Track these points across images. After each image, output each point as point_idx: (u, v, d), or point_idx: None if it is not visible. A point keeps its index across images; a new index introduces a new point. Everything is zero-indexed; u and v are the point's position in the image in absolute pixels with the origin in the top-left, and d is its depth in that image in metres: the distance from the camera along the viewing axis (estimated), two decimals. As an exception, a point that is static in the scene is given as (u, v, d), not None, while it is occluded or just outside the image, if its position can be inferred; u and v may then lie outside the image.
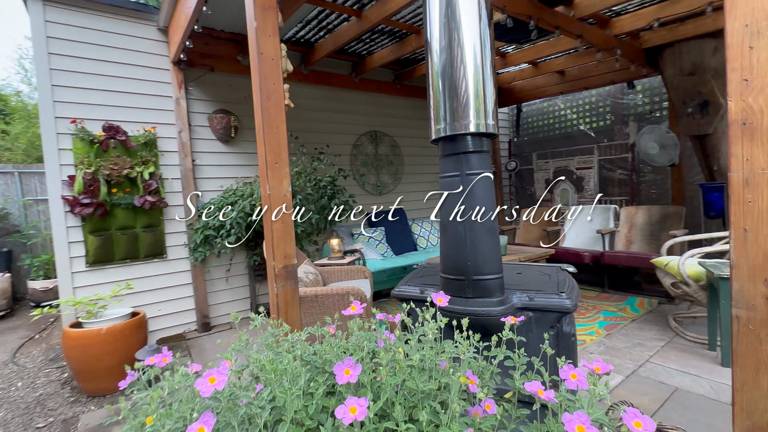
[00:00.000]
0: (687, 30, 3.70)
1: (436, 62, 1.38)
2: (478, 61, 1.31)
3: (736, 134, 0.97)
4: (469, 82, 1.30)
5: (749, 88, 0.94)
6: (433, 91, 1.40)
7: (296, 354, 0.94)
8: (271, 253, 1.66)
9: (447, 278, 1.42)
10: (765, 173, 0.93)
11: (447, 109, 1.35)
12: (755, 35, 0.92)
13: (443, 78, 1.35)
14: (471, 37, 1.31)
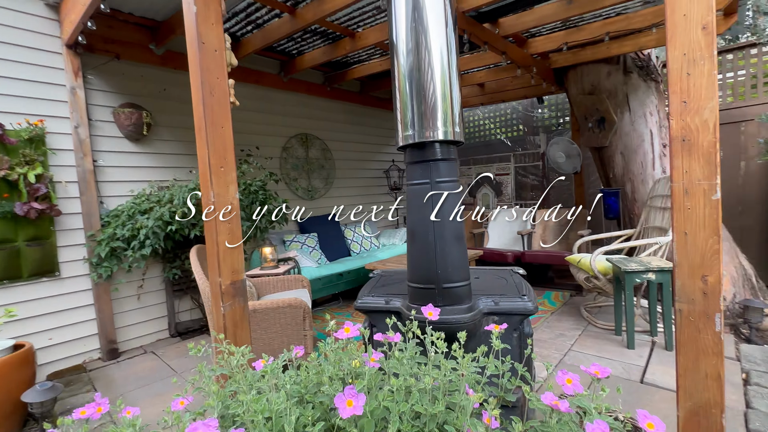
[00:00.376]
0: (587, 55, 4.22)
1: (403, 64, 1.36)
2: (445, 65, 1.32)
3: (676, 149, 1.10)
4: (436, 86, 1.30)
5: (687, 109, 1.07)
6: (400, 94, 1.37)
7: (285, 388, 0.82)
8: (216, 269, 1.47)
9: (416, 287, 1.39)
10: (701, 184, 1.06)
11: (415, 114, 1.33)
12: (692, 63, 1.06)
13: (410, 81, 1.33)
14: (438, 40, 1.31)
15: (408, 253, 1.48)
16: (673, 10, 1.07)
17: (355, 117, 5.71)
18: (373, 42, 3.83)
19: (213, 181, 1.45)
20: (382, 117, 6.17)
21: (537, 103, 5.66)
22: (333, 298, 4.64)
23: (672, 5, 1.07)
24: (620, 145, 4.20)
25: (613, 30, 3.66)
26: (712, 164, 1.04)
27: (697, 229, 1.07)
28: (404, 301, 1.49)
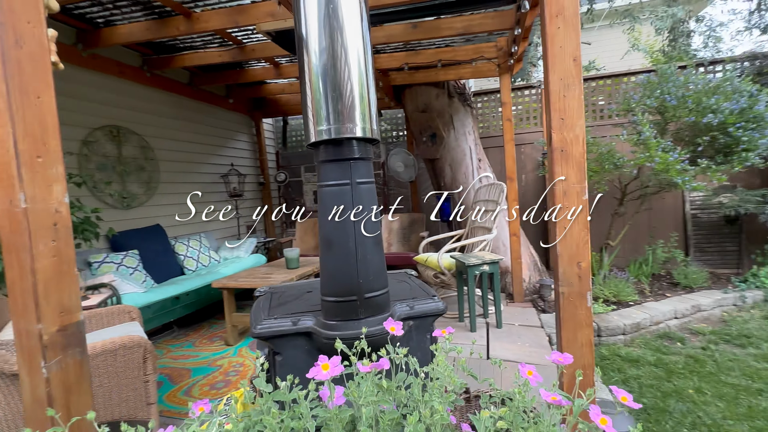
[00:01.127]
0: (420, 77, 4.77)
1: (315, 62, 1.19)
2: (362, 65, 1.22)
3: (557, 158, 1.31)
4: (354, 85, 1.19)
5: (564, 125, 1.29)
6: (312, 91, 1.19)
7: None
8: (32, 309, 0.96)
9: (334, 301, 1.23)
10: (575, 187, 1.30)
11: (330, 110, 1.18)
12: (567, 87, 1.28)
13: (325, 79, 1.18)
14: (355, 40, 1.20)
15: (322, 263, 1.30)
16: (553, 43, 1.28)
17: (186, 112, 4.90)
18: (214, 27, 3.35)
19: (24, 178, 0.95)
20: (219, 115, 5.51)
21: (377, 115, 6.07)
22: (165, 327, 3.82)
23: (552, 38, 1.28)
24: (449, 158, 4.90)
25: (444, 58, 4.25)
26: (582, 171, 1.28)
27: (573, 224, 1.30)
28: (317, 319, 1.30)
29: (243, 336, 3.54)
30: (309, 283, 1.77)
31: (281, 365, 1.27)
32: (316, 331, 1.24)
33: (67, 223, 1.05)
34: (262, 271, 3.60)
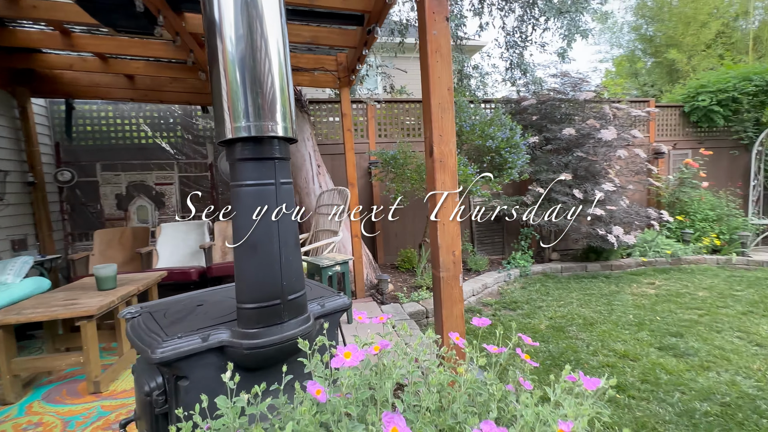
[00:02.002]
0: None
1: (231, 51, 1.07)
2: (282, 57, 1.17)
3: (437, 167, 1.59)
4: (275, 78, 1.13)
5: (443, 141, 1.59)
6: (228, 83, 1.07)
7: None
8: None
9: (256, 307, 1.13)
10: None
11: (250, 105, 1.09)
12: (444, 110, 1.58)
13: (243, 70, 1.07)
14: (275, 30, 1.14)
15: (242, 269, 1.15)
16: (432, 74, 1.56)
17: None
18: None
19: None
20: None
21: (202, 112, 5.48)
22: None
23: (432, 70, 1.55)
24: (288, 163, 4.88)
25: (286, 63, 4.23)
26: (455, 178, 1.61)
27: (449, 220, 1.61)
28: (232, 330, 1.15)
29: (30, 387, 2.64)
30: (194, 296, 1.53)
31: (187, 391, 1.09)
32: (233, 344, 1.12)
33: None
34: (60, 297, 2.76)
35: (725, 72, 7.67)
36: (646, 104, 7.18)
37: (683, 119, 7.65)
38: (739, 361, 2.90)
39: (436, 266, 1.65)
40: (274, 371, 1.22)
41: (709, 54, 10.87)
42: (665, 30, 11.34)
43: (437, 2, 1.52)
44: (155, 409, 1.10)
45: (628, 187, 6.17)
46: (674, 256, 6.03)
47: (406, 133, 6.50)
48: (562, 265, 5.98)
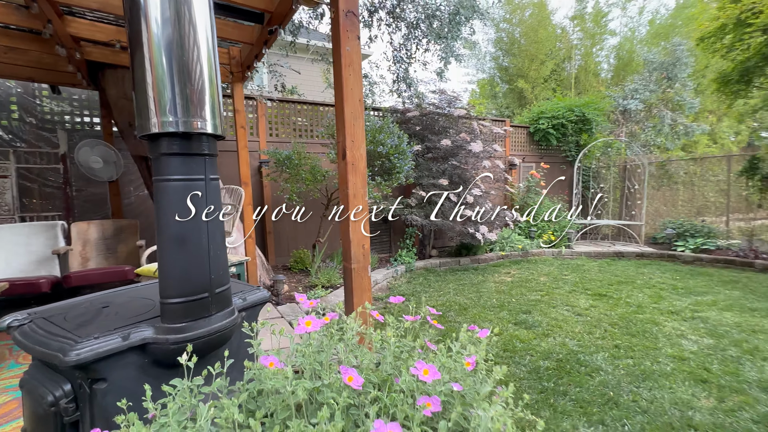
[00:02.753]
0: (125, 59, 4.10)
1: (157, 34, 1.04)
2: (210, 44, 1.17)
3: (350, 170, 1.76)
4: (203, 67, 1.13)
5: (354, 146, 1.77)
6: (153, 70, 1.03)
7: None
8: None
9: (184, 302, 1.11)
10: (360, 191, 1.80)
11: (177, 97, 1.07)
12: (356, 118, 1.76)
13: (170, 57, 1.05)
14: (203, 14, 1.14)
15: (168, 263, 1.10)
16: (346, 86, 1.73)
17: None
18: None
19: None
20: None
21: (52, 92, 4.60)
22: None
23: (345, 82, 1.72)
24: (169, 158, 4.45)
25: (170, 49, 3.88)
26: (365, 179, 1.80)
27: (360, 218, 1.80)
28: (155, 327, 1.09)
29: None
30: (94, 299, 1.37)
31: (105, 393, 1.02)
32: (158, 340, 1.09)
33: None
34: None
35: (557, 102, 9.63)
36: (504, 123, 8.57)
37: (529, 138, 9.35)
38: (567, 328, 3.77)
39: (348, 259, 1.82)
40: (197, 366, 1.22)
41: (546, 86, 13.47)
42: (516, 63, 13.64)
43: (350, 22, 1.69)
44: (64, 419, 1.01)
45: (491, 192, 7.29)
46: (524, 250, 7.34)
47: (298, 134, 6.51)
48: (440, 261, 6.74)
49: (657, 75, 10.52)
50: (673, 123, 10.16)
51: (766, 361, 3.01)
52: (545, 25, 13.07)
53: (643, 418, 2.31)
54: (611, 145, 9.23)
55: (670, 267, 6.48)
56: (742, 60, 6.10)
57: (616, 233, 9.00)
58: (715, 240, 7.07)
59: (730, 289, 4.99)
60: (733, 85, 6.62)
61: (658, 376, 2.80)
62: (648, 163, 8.66)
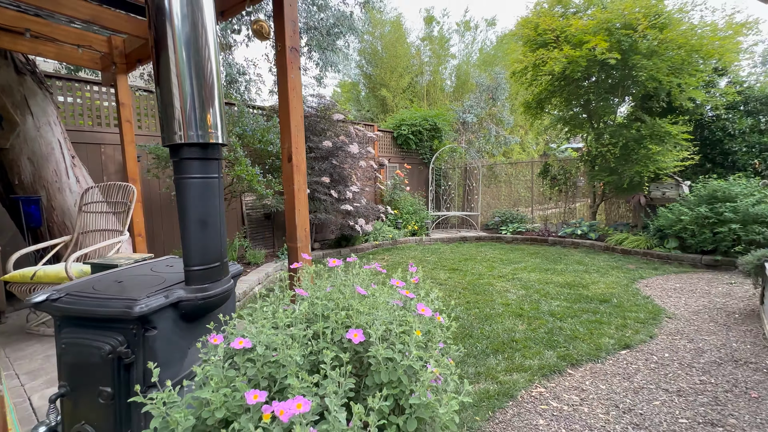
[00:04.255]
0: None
1: (180, 31, 1.32)
2: (215, 39, 1.52)
3: (295, 170, 2.26)
4: (213, 65, 1.46)
5: (297, 152, 2.26)
6: (178, 70, 1.34)
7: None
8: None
9: (205, 269, 1.45)
10: (303, 186, 2.31)
11: (196, 104, 1.41)
12: (298, 131, 2.26)
13: (189, 57, 1.38)
14: (208, 5, 1.49)
15: (193, 240, 1.38)
16: (291, 105, 2.21)
17: None
18: None
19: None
20: None
21: None
22: None
23: (291, 103, 2.21)
24: (27, 150, 3.91)
25: (36, 30, 3.48)
26: (305, 177, 2.31)
27: (302, 208, 2.30)
28: (184, 288, 1.40)
29: None
30: (104, 276, 1.53)
31: (155, 339, 1.33)
32: (189, 298, 1.43)
33: None
34: None
35: (415, 112, 11.24)
36: (373, 128, 9.64)
37: (393, 141, 10.69)
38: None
39: (293, 240, 2.30)
40: (205, 321, 1.60)
41: (405, 97, 15.31)
42: (379, 73, 15.10)
43: (294, 56, 2.17)
44: (123, 361, 1.31)
45: (366, 189, 8.23)
46: (394, 239, 8.53)
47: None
48: (323, 252, 7.35)
49: (485, 95, 13.23)
50: (497, 134, 12.98)
51: (553, 299, 4.59)
52: (402, 43, 14.85)
53: (486, 341, 3.42)
54: (455, 150, 11.29)
55: (498, 246, 8.52)
56: (538, 92, 8.43)
57: (461, 222, 11.09)
58: (525, 224, 9.53)
59: (533, 258, 7.00)
60: (532, 109, 9.04)
61: (495, 316, 4.03)
62: (481, 165, 10.94)
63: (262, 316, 1.30)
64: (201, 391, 0.98)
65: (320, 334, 1.22)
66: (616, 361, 3.04)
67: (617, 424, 2.27)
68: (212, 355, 1.10)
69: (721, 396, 2.53)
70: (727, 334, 3.51)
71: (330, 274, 1.71)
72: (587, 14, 7.74)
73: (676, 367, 2.94)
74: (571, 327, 3.70)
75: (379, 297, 1.47)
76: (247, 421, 0.90)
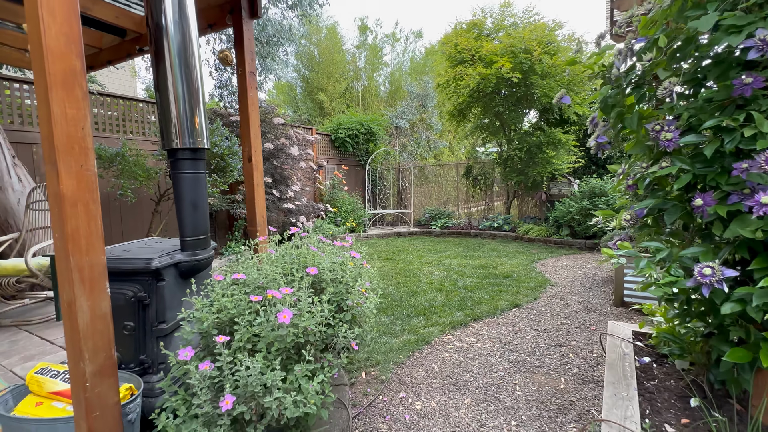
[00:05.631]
0: None
1: (174, 40, 1.90)
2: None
3: (254, 169, 2.82)
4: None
5: (256, 153, 2.83)
6: (173, 78, 1.88)
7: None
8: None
9: (197, 239, 1.99)
10: (260, 182, 2.88)
11: (188, 128, 1.95)
12: (256, 137, 2.83)
13: (180, 65, 1.93)
14: (192, 13, 2.04)
15: (187, 219, 1.88)
16: (251, 117, 2.78)
17: None
18: None
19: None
20: None
21: None
22: None
23: (251, 115, 2.77)
24: (-35, 149, 3.94)
25: (-16, 34, 3.59)
26: (262, 174, 2.88)
27: (260, 199, 2.87)
28: (182, 252, 1.93)
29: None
30: (114, 248, 1.98)
31: (164, 288, 1.85)
32: (187, 260, 1.96)
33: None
34: None
35: (351, 117, 11.95)
36: (311, 131, 10.17)
37: (332, 144, 11.29)
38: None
39: (253, 224, 2.85)
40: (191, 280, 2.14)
41: (342, 101, 15.96)
42: (316, 78, 15.59)
43: (252, 78, 2.73)
44: (143, 302, 1.82)
45: (306, 189, 8.74)
46: (333, 235, 9.14)
47: (103, 128, 6.22)
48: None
49: (416, 103, 14.36)
50: (427, 139, 14.16)
51: (468, 277, 5.55)
52: (338, 50, 15.49)
53: (412, 308, 4.20)
54: (389, 153, 12.20)
55: (428, 239, 9.52)
56: (459, 102, 9.59)
57: (395, 219, 12.00)
58: (452, 220, 10.68)
59: (457, 248, 8.05)
60: (456, 117, 10.22)
61: (420, 292, 4.86)
62: (413, 167, 11.96)
63: (245, 265, 1.90)
64: (218, 302, 1.57)
65: (291, 272, 1.86)
66: (507, 316, 4.00)
67: (498, 351, 3.15)
68: (217, 285, 1.69)
69: (572, 330, 3.55)
70: (588, 294, 4.68)
71: (287, 245, 2.32)
72: (498, 36, 9.04)
73: (547, 316, 3.96)
74: (478, 296, 4.64)
75: (327, 254, 2.13)
76: (251, 313, 1.52)
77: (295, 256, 2.01)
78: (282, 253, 2.04)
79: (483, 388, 2.59)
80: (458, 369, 2.87)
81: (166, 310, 1.91)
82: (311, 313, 1.54)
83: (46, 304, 3.96)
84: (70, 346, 1.27)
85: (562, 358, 3.00)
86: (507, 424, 2.20)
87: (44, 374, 1.66)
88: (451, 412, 2.32)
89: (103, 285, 1.32)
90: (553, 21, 8.57)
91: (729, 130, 1.12)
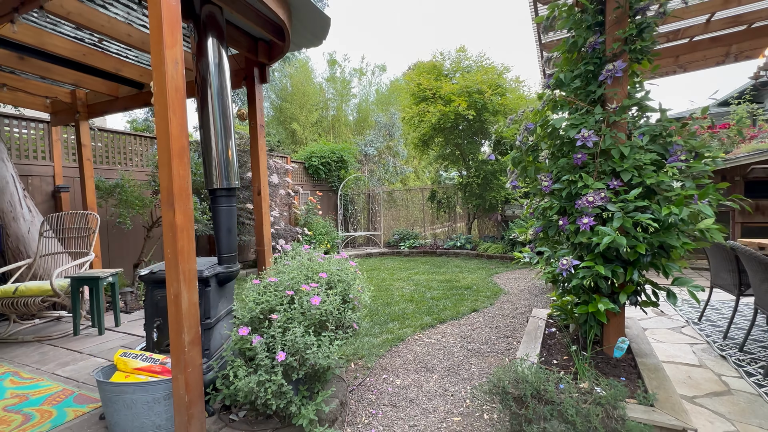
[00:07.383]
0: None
1: (216, 103, 2.62)
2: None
3: (262, 200, 3.52)
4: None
5: (263, 187, 3.54)
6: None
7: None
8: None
9: (231, 255, 2.65)
10: (267, 211, 3.57)
11: (224, 174, 2.65)
12: (264, 174, 3.55)
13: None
14: (227, 76, 2.76)
15: (224, 240, 2.56)
16: (260, 155, 3.50)
17: None
18: None
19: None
20: None
21: None
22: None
23: (260, 155, 3.50)
24: (-16, 184, 4.35)
25: (12, 84, 4.11)
26: (269, 204, 3.58)
27: (266, 224, 3.56)
28: (221, 266, 2.58)
29: None
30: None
31: (209, 291, 2.49)
32: (224, 272, 2.62)
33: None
34: None
35: (323, 145, 12.76)
36: (287, 159, 10.85)
37: (305, 171, 12.00)
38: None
39: (261, 245, 3.51)
40: (226, 288, 2.79)
41: (314, 130, 16.80)
42: (289, 108, 16.39)
43: (262, 129, 3.46)
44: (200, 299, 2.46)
45: (284, 213, 9.35)
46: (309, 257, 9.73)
47: (101, 161, 6.65)
48: (246, 271, 8.22)
49: (383, 132, 15.44)
50: (394, 165, 15.18)
51: (435, 290, 6.35)
52: (309, 82, 16.44)
53: (387, 316, 4.93)
54: (360, 178, 13.05)
55: (398, 258, 10.31)
56: (423, 133, 10.67)
57: (366, 241, 12.75)
58: (419, 240, 11.57)
59: (424, 265, 8.88)
60: (420, 146, 11.28)
61: (394, 302, 5.59)
62: (382, 192, 12.85)
63: (271, 272, 2.60)
64: (258, 297, 2.26)
65: (309, 276, 2.57)
66: (467, 319, 4.81)
67: (459, 343, 3.94)
68: (253, 288, 2.38)
69: (518, 326, 4.41)
70: (534, 299, 5.61)
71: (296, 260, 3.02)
72: (455, 77, 10.28)
73: (499, 317, 4.81)
74: (443, 304, 5.44)
75: (332, 263, 2.86)
76: (288, 303, 2.22)
77: (308, 265, 2.73)
78: (297, 264, 2.75)
79: (447, 368, 3.35)
80: (428, 357, 3.62)
81: (210, 309, 2.56)
82: (328, 301, 2.26)
83: (57, 323, 4.34)
84: (173, 324, 1.93)
85: (508, 345, 3.83)
86: (464, 389, 2.96)
87: (127, 356, 2.27)
88: (423, 384, 3.06)
89: (195, 283, 1.99)
90: (502, 65, 9.93)
91: (574, 182, 2.00)
